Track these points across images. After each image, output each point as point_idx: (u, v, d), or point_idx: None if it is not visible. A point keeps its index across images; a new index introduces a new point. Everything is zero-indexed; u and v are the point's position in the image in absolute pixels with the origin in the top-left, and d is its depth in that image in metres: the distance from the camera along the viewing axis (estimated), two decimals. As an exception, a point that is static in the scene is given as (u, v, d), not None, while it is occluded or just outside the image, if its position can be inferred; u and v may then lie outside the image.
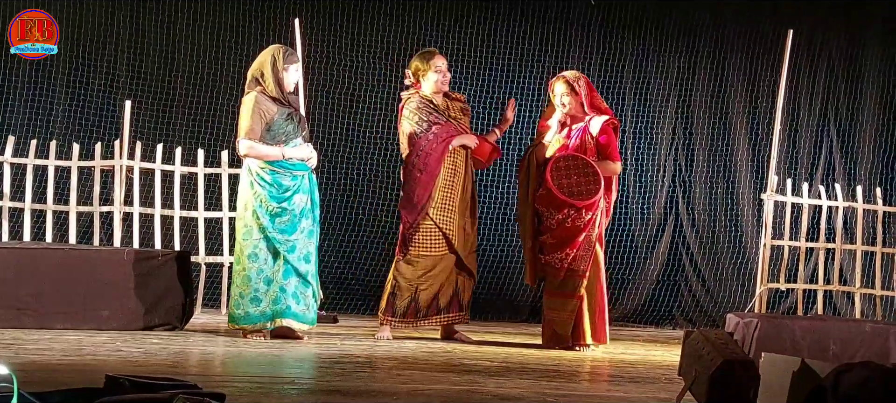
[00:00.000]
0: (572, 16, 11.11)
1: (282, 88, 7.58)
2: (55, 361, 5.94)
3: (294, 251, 7.59)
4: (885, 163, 11.07)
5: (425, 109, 8.08)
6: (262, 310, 7.55)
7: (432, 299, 8.07)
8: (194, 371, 5.95)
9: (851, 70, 11.18)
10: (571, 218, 7.80)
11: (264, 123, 7.52)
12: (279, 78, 7.57)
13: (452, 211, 8.06)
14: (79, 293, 7.74)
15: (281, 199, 7.56)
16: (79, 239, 9.57)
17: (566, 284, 7.85)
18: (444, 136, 8.02)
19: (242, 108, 7.61)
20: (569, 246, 7.81)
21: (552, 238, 7.86)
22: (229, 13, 10.70)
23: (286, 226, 7.56)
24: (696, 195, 11.17)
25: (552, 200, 7.78)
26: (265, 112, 7.52)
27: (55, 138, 9.88)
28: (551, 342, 7.95)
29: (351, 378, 5.83)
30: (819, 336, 6.91)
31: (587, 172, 7.75)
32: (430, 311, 8.08)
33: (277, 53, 7.62)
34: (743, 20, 11.20)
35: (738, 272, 11.01)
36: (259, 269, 7.55)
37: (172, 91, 10.67)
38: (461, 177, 8.12)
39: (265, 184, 7.54)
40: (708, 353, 5.26)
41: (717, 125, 11.20)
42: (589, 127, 7.92)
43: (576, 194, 7.72)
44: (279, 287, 7.55)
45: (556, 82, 8.02)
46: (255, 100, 7.53)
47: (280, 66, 7.58)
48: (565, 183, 7.73)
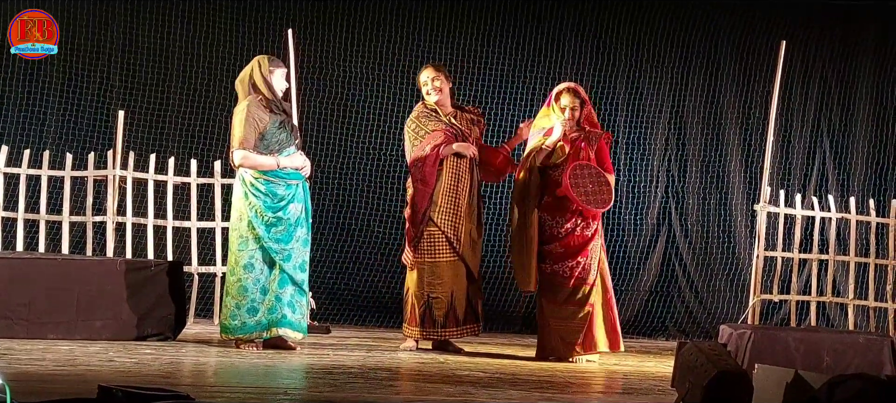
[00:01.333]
0: (566, 26, 11.12)
1: (274, 93, 7.58)
2: (48, 371, 5.93)
3: (290, 260, 7.58)
4: (878, 174, 11.08)
5: (424, 117, 8.14)
6: (258, 320, 7.54)
7: (448, 309, 8.04)
8: (187, 381, 5.94)
9: (844, 81, 11.19)
10: (580, 227, 7.87)
11: (257, 132, 7.51)
12: (268, 82, 7.58)
13: (458, 216, 8.06)
14: (71, 303, 7.72)
15: (276, 209, 7.56)
16: (72, 249, 9.55)
17: (576, 293, 7.87)
18: (436, 143, 8.04)
19: (235, 119, 7.59)
20: (580, 254, 7.86)
21: (560, 247, 7.87)
22: (223, 24, 10.70)
23: (282, 236, 7.56)
24: (689, 206, 11.18)
25: (563, 208, 7.80)
26: (258, 121, 7.51)
27: (48, 148, 9.86)
28: (547, 353, 7.95)
29: (343, 389, 5.82)
30: (812, 348, 6.91)
31: (600, 182, 7.83)
32: (448, 322, 8.06)
33: (261, 60, 7.66)
34: (736, 31, 11.21)
35: (732, 283, 11.01)
36: (255, 279, 7.54)
37: (166, 101, 10.66)
38: (466, 183, 8.12)
39: (260, 193, 7.54)
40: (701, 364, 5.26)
41: (710, 136, 11.21)
42: (586, 140, 7.97)
43: (592, 202, 7.77)
44: (275, 296, 7.55)
45: (563, 93, 8.01)
46: (246, 110, 7.52)
47: (265, 70, 7.59)
48: (582, 190, 7.78)
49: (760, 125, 10.97)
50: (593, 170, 7.85)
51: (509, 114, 10.96)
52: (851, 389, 4.46)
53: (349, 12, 10.90)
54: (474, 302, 8.14)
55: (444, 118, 8.15)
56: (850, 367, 6.78)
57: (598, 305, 7.89)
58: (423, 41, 10.85)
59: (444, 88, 8.19)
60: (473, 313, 8.14)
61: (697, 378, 5.21)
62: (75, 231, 9.72)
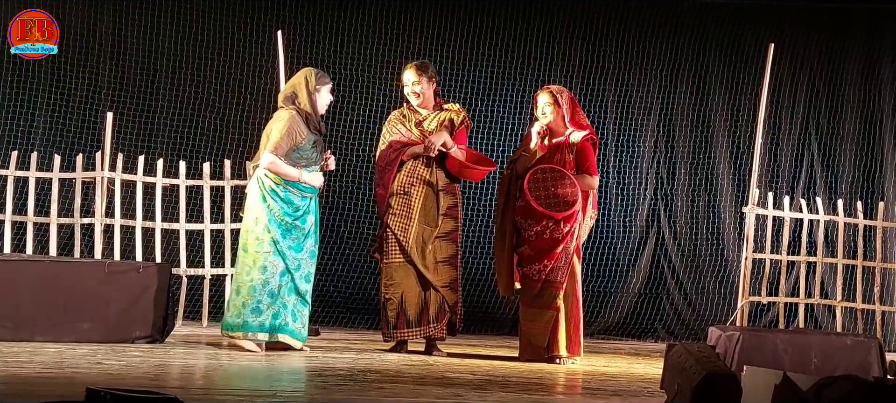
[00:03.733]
0: (555, 28, 11.13)
1: (315, 109, 7.69)
2: (35, 374, 5.91)
3: (299, 269, 7.71)
4: (865, 177, 11.10)
5: (395, 120, 8.17)
6: (261, 322, 7.62)
7: (398, 311, 8.02)
8: (175, 383, 5.93)
9: (833, 83, 11.22)
10: (550, 229, 7.83)
11: (292, 144, 7.63)
12: (313, 99, 7.69)
13: (409, 218, 8.03)
14: (59, 305, 7.70)
15: (293, 216, 7.66)
16: (59, 251, 9.53)
17: (542, 295, 7.88)
18: (396, 147, 8.04)
19: (276, 123, 7.67)
20: (546, 257, 7.84)
21: (530, 249, 7.89)
22: (212, 26, 10.68)
23: (294, 244, 7.66)
24: (678, 208, 11.20)
25: (530, 212, 7.81)
26: (297, 134, 7.64)
27: (36, 150, 9.84)
28: (527, 354, 7.96)
29: (333, 391, 5.81)
30: (801, 350, 6.93)
31: (564, 185, 7.78)
32: (398, 324, 8.05)
33: (310, 75, 7.78)
34: (725, 34, 11.23)
35: (720, 285, 11.03)
36: (265, 281, 7.62)
37: (154, 103, 10.65)
38: (419, 185, 8.08)
39: (278, 198, 7.62)
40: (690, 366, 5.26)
41: (698, 138, 11.23)
42: (568, 140, 7.96)
43: (553, 206, 7.76)
44: (281, 302, 7.61)
45: (540, 93, 8.08)
46: (291, 120, 7.64)
47: (312, 86, 7.73)
48: (542, 194, 7.76)
49: (749, 127, 10.99)
50: (557, 172, 7.82)
51: (499, 116, 10.97)
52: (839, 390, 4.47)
53: (338, 14, 10.90)
54: (427, 305, 8.03)
55: (414, 126, 8.10)
56: (838, 369, 6.80)
57: (564, 309, 7.88)
58: (413, 43, 10.85)
59: (425, 92, 8.11)
60: (426, 317, 8.04)
61: (686, 380, 5.21)
62: (63, 233, 9.70)
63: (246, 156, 10.27)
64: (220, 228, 9.74)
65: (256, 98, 10.64)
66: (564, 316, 7.87)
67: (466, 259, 10.56)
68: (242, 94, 10.70)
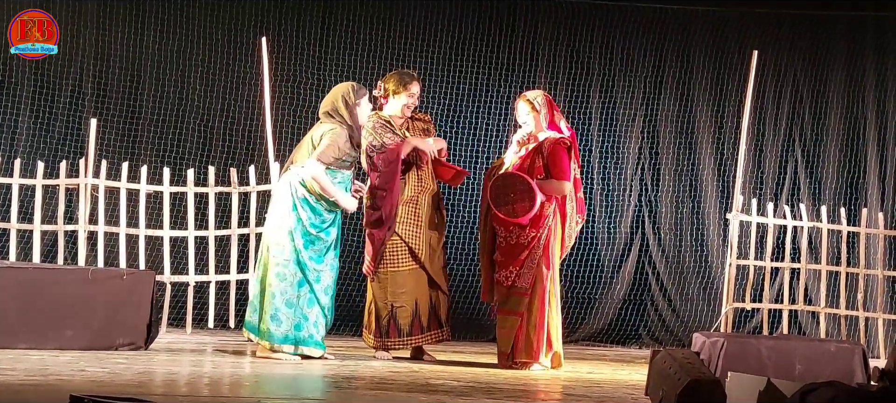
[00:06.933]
0: (539, 35, 11.14)
1: (356, 123, 7.73)
2: (18, 381, 5.89)
3: (320, 281, 7.75)
4: (849, 184, 11.14)
5: (381, 128, 8.14)
6: (285, 333, 7.66)
7: (413, 317, 8.08)
8: (159, 391, 5.92)
9: (816, 90, 11.25)
10: (516, 235, 7.87)
11: (335, 159, 7.68)
12: (354, 113, 7.72)
13: (419, 225, 8.11)
14: (42, 312, 7.68)
15: (319, 228, 7.70)
16: (43, 258, 9.49)
17: (508, 301, 7.91)
18: (396, 151, 8.05)
19: (328, 134, 7.69)
20: (513, 263, 7.87)
21: (501, 255, 7.95)
22: (196, 32, 10.66)
23: (316, 256, 7.69)
24: (663, 214, 11.21)
25: (498, 218, 7.86)
26: (343, 151, 7.69)
27: (19, 156, 9.80)
28: (501, 360, 7.97)
29: (317, 399, 5.80)
30: (785, 356, 6.94)
31: (523, 190, 7.79)
32: (413, 330, 8.09)
33: (348, 89, 7.79)
34: (708, 40, 11.26)
35: (705, 291, 11.05)
36: (283, 290, 7.65)
37: (138, 109, 10.62)
38: (428, 192, 8.17)
39: (308, 207, 7.67)
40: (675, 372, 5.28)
41: (683, 145, 11.25)
42: (541, 146, 7.97)
43: (512, 213, 7.78)
44: (302, 314, 7.69)
45: (518, 101, 8.12)
46: (341, 136, 7.68)
47: (352, 101, 7.73)
48: (503, 200, 7.80)
49: (733, 134, 11.02)
50: (517, 178, 7.83)
51: (483, 123, 10.97)
52: (823, 396, 4.48)
53: (323, 21, 10.89)
54: (437, 308, 8.17)
55: (400, 131, 8.15)
56: (822, 375, 6.80)
57: (529, 315, 7.87)
58: (397, 50, 10.85)
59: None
60: (437, 320, 8.17)
61: (671, 387, 5.22)
62: (47, 239, 9.66)
63: (230, 162, 10.26)
64: (205, 235, 9.71)
65: (241, 105, 10.63)
66: (527, 322, 7.87)
67: (451, 264, 10.55)
68: (227, 101, 10.69)
